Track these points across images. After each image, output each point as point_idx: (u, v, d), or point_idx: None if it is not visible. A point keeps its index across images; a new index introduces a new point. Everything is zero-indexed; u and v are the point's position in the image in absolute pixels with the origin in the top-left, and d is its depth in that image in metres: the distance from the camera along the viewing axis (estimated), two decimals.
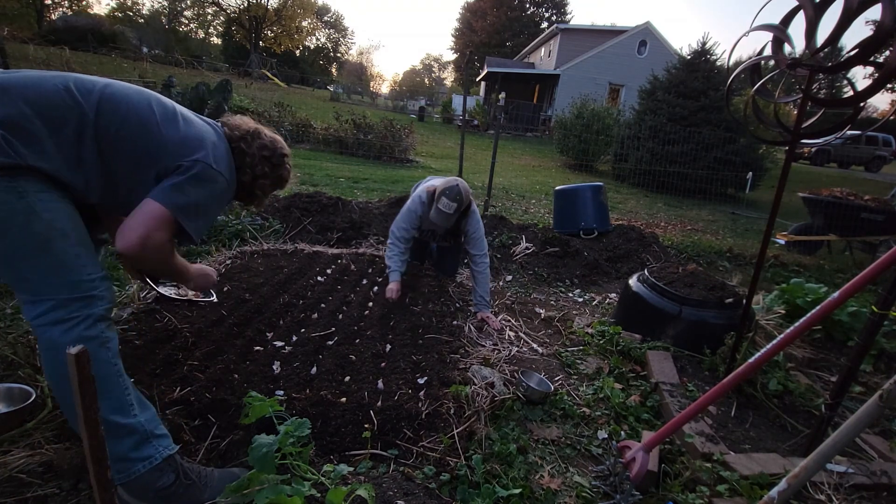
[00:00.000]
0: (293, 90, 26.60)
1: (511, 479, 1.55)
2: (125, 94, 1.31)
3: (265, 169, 1.57)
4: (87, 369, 0.95)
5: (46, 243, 1.16)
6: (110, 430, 1.20)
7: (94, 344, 1.19)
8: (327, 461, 1.44)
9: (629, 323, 2.83)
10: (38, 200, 1.14)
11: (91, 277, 1.22)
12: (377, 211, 4.63)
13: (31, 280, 1.17)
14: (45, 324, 1.17)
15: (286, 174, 1.67)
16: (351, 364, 1.93)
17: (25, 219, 1.13)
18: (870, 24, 11.57)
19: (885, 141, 20.39)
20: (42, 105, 1.17)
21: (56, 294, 1.17)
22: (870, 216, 5.37)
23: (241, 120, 1.60)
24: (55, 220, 1.17)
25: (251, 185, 1.56)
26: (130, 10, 42.88)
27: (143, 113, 1.31)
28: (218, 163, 1.40)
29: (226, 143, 1.50)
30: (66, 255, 1.19)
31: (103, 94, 1.26)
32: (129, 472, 1.23)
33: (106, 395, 1.20)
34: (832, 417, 1.79)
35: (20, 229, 1.13)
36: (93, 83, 1.28)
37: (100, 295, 1.23)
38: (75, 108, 1.21)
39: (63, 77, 1.25)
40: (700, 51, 11.42)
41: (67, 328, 1.17)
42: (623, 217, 6.90)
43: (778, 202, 2.06)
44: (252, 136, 1.55)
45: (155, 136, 1.31)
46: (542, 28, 39.17)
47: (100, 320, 1.22)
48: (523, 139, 19.93)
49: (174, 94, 8.52)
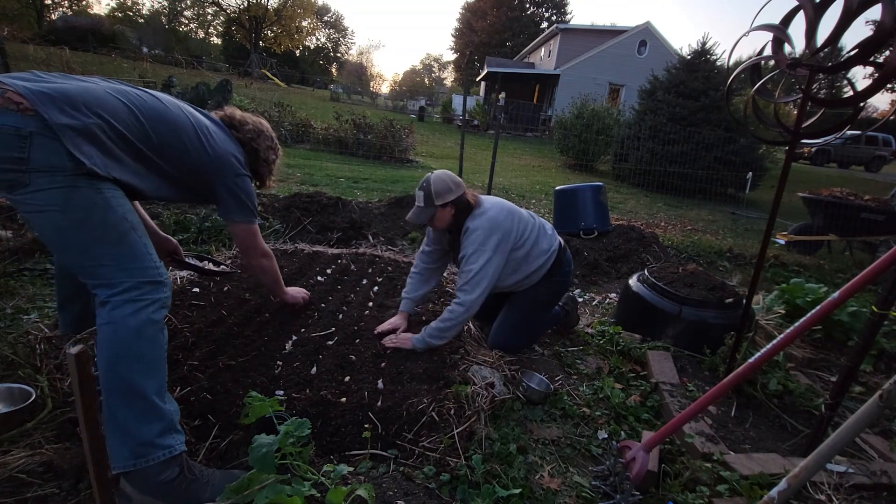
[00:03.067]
0: (293, 90, 26.60)
1: (511, 479, 1.55)
2: (174, 116, 1.52)
3: (273, 156, 1.94)
4: (87, 369, 0.96)
5: (123, 233, 1.31)
6: (147, 411, 1.27)
7: (156, 328, 1.32)
8: (327, 461, 1.44)
9: (629, 323, 2.83)
10: (112, 196, 1.30)
11: (157, 264, 1.37)
12: (377, 211, 4.64)
13: (108, 266, 1.29)
14: (121, 301, 1.27)
15: (279, 147, 2.00)
16: (351, 364, 1.93)
17: (104, 211, 1.28)
18: (870, 24, 11.58)
19: (885, 141, 20.40)
20: (116, 120, 1.33)
21: (131, 277, 1.30)
22: (870, 216, 5.37)
23: (239, 115, 1.86)
24: (127, 213, 1.33)
25: (267, 174, 1.94)
26: (130, 10, 42.93)
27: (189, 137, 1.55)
28: (242, 165, 1.74)
29: (233, 139, 1.77)
30: (138, 245, 1.34)
31: (153, 116, 1.44)
32: (148, 458, 1.25)
33: (154, 375, 1.30)
34: (832, 417, 1.79)
35: (100, 220, 1.27)
36: (143, 103, 1.45)
37: (165, 281, 1.37)
38: (141, 129, 1.39)
39: (123, 93, 1.42)
40: (700, 51, 11.42)
41: (138, 308, 1.28)
42: (623, 217, 6.90)
43: (778, 202, 2.06)
44: (256, 134, 1.85)
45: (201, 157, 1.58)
46: (542, 28, 39.19)
47: (164, 306, 1.36)
48: (523, 139, 19.93)
49: (174, 94, 8.52)
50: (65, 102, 1.24)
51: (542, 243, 2.28)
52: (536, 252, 2.24)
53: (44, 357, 1.78)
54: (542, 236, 2.30)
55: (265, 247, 1.92)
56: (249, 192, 1.75)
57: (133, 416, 1.25)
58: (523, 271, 2.24)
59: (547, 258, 2.27)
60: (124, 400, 1.25)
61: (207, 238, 3.66)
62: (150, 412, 1.27)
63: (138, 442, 1.25)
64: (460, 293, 2.05)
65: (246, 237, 1.83)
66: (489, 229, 2.05)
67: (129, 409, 1.25)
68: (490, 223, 2.06)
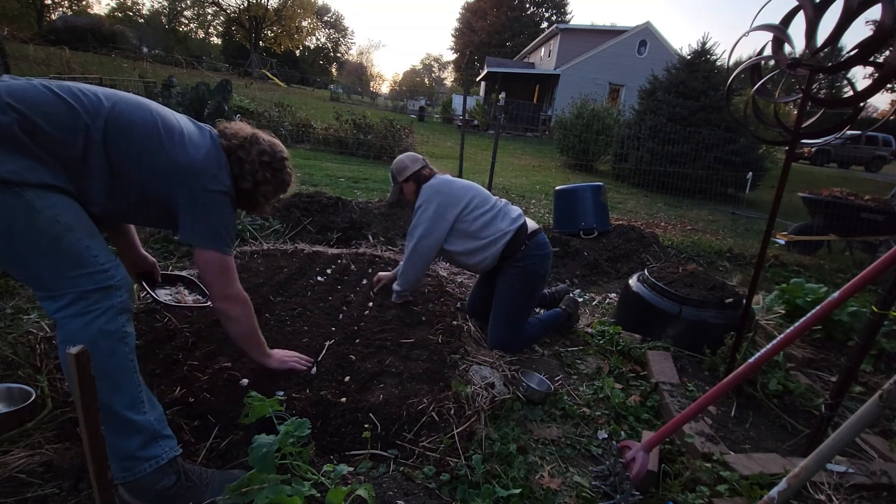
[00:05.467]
0: (293, 90, 26.60)
1: (511, 479, 1.55)
2: (131, 117, 1.30)
3: (266, 175, 1.55)
4: (87, 369, 0.95)
5: (55, 238, 1.15)
6: (121, 426, 1.21)
7: (112, 339, 1.20)
8: (327, 461, 1.44)
9: (629, 323, 2.83)
10: (37, 198, 1.12)
11: (105, 267, 1.22)
12: (377, 211, 4.63)
13: (46, 277, 1.17)
14: (66, 317, 1.17)
15: (288, 178, 1.65)
16: (351, 364, 1.93)
17: (26, 217, 1.11)
18: (870, 24, 11.57)
19: (885, 141, 20.41)
20: (52, 121, 1.16)
21: (74, 287, 1.17)
22: (870, 216, 5.36)
23: (238, 126, 1.58)
24: (58, 214, 1.16)
25: (253, 192, 1.56)
26: (130, 10, 42.93)
27: (150, 138, 1.32)
28: (219, 181, 1.43)
29: (222, 151, 1.49)
30: (76, 248, 1.18)
31: (110, 116, 1.25)
32: (134, 471, 1.23)
33: (120, 390, 1.21)
34: (832, 417, 1.79)
35: (24, 228, 1.12)
36: (99, 103, 1.26)
37: (117, 284, 1.23)
38: (82, 130, 1.20)
39: (66, 89, 1.23)
40: (700, 51, 11.41)
41: (88, 321, 1.17)
42: (623, 217, 6.90)
43: (778, 202, 2.06)
44: (250, 143, 1.54)
45: (162, 161, 1.33)
46: (542, 28, 39.20)
47: (120, 312, 1.23)
48: (523, 139, 19.92)
49: (174, 94, 8.51)
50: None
51: (500, 223, 2.37)
52: (492, 230, 2.35)
53: (44, 357, 1.78)
54: (502, 218, 2.40)
55: (237, 289, 1.52)
56: (219, 213, 1.43)
57: (109, 432, 1.21)
58: (478, 242, 2.35)
59: (501, 235, 2.34)
60: None
61: None
62: (124, 427, 1.22)
63: (121, 457, 1.22)
64: (406, 240, 2.39)
65: (208, 268, 1.44)
66: (435, 189, 2.35)
67: (104, 427, 1.22)
68: (438, 185, 2.37)
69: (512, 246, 2.34)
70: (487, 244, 2.33)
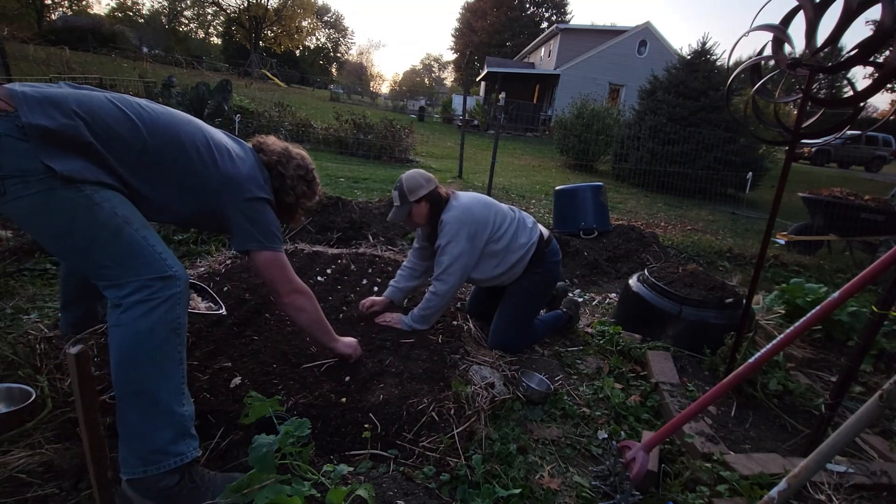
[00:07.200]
0: (293, 90, 26.60)
1: (511, 479, 1.55)
2: (182, 132, 1.41)
3: (303, 188, 1.69)
4: (87, 369, 0.96)
5: (116, 230, 1.22)
6: (160, 416, 1.23)
7: (169, 328, 1.24)
8: (327, 461, 1.44)
9: (629, 323, 2.83)
10: (94, 192, 1.21)
11: (164, 257, 1.28)
12: (377, 211, 4.63)
13: (110, 267, 1.23)
14: (129, 304, 1.21)
15: (318, 188, 1.78)
16: (351, 364, 1.93)
17: (88, 211, 1.19)
18: (870, 24, 11.57)
19: (885, 141, 20.41)
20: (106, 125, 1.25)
21: (138, 276, 1.23)
22: (870, 216, 5.36)
23: (271, 141, 1.70)
24: (115, 207, 1.24)
25: (294, 206, 1.70)
26: (130, 10, 42.92)
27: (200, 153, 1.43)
28: (264, 191, 1.55)
29: (263, 167, 1.61)
30: (135, 240, 1.25)
31: (166, 131, 1.36)
32: (159, 466, 1.22)
33: (168, 379, 1.25)
34: (832, 417, 1.79)
35: (87, 221, 1.19)
36: (157, 117, 1.37)
37: (177, 274, 1.28)
38: (140, 142, 1.30)
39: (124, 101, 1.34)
40: (700, 51, 11.42)
41: (149, 309, 1.21)
42: (623, 217, 6.90)
43: (778, 202, 2.06)
44: (287, 158, 1.66)
45: (212, 175, 1.44)
46: (542, 28, 39.20)
47: (177, 303, 1.27)
48: (523, 139, 19.93)
49: (174, 94, 8.52)
50: (50, 104, 1.17)
51: (521, 237, 2.31)
52: (515, 245, 2.29)
53: (44, 357, 1.78)
54: (522, 230, 2.34)
55: (299, 281, 1.62)
56: (268, 217, 1.54)
57: (145, 421, 1.22)
58: (506, 263, 2.28)
59: (525, 251, 2.30)
60: (135, 405, 1.21)
61: (207, 238, 3.66)
62: (162, 417, 1.23)
63: (150, 449, 1.21)
64: (435, 282, 2.18)
65: (270, 268, 1.54)
66: (461, 220, 2.14)
67: (139, 415, 1.21)
68: (462, 214, 2.16)
69: (534, 259, 2.32)
70: (513, 265, 2.29)
